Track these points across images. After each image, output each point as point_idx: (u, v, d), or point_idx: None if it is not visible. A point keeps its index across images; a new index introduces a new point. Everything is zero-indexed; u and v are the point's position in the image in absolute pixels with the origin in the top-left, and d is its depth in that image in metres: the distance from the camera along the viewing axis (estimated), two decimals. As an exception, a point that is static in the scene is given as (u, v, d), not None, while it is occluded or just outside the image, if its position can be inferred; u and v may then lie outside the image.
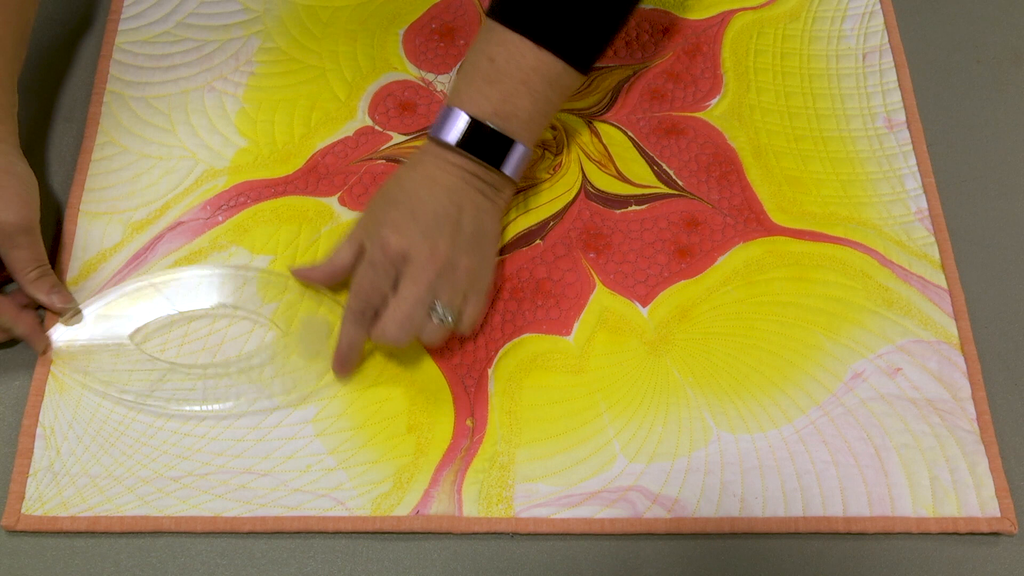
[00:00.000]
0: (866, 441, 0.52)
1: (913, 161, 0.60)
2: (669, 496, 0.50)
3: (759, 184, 0.59)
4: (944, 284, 0.56)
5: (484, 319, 0.55)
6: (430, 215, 0.50)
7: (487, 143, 0.51)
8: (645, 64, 0.64)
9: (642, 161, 0.60)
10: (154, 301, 0.55)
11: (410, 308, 0.49)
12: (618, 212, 0.58)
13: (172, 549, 0.49)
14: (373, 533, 0.49)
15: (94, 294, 0.55)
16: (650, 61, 0.64)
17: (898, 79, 0.63)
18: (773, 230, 0.58)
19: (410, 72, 0.63)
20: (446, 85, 0.63)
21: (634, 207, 0.59)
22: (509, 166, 0.52)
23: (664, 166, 0.60)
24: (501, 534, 0.50)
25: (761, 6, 0.66)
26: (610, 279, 0.56)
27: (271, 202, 0.58)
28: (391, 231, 0.49)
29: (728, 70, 0.64)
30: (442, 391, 0.53)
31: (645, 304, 0.56)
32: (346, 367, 0.52)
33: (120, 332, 0.54)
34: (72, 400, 0.52)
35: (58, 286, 0.54)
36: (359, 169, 0.60)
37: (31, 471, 0.51)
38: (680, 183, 0.59)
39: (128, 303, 0.55)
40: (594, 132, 0.61)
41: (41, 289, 0.53)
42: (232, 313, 0.55)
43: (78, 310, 0.55)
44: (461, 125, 0.51)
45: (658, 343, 0.54)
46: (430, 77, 0.63)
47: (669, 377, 0.53)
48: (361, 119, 0.62)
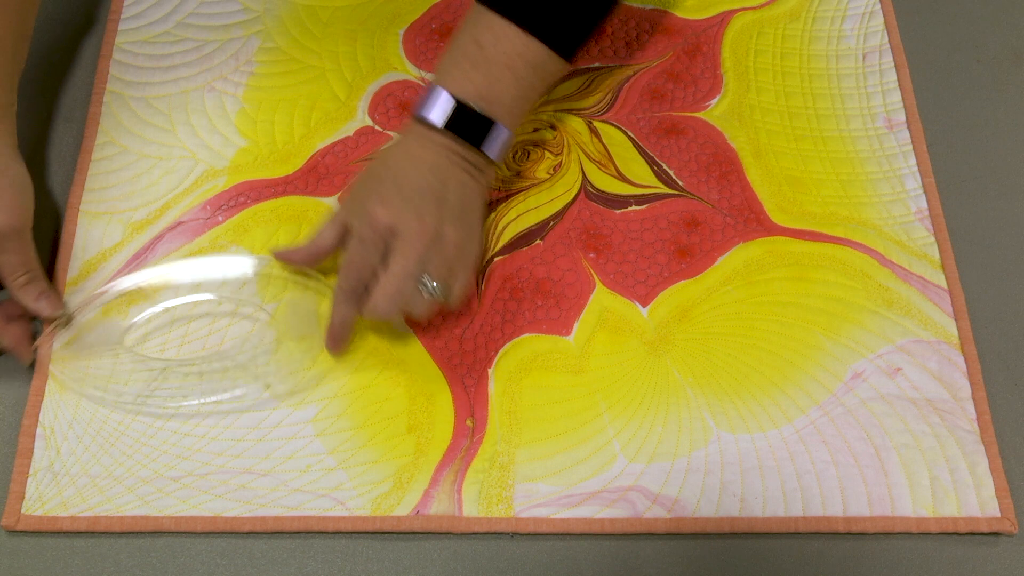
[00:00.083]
0: (866, 441, 0.52)
1: (913, 161, 0.60)
2: (669, 496, 0.50)
3: (759, 184, 0.59)
4: (944, 284, 0.56)
5: (483, 319, 0.55)
6: (415, 189, 0.50)
7: (471, 125, 0.51)
8: (645, 64, 0.64)
9: (642, 161, 0.60)
10: (146, 303, 0.55)
11: (400, 282, 0.49)
12: (618, 212, 0.58)
13: (172, 549, 0.49)
14: (373, 533, 0.49)
15: (87, 298, 0.55)
16: (650, 61, 0.64)
17: (898, 79, 0.63)
18: (773, 230, 0.58)
19: (410, 72, 0.63)
20: (446, 85, 0.63)
21: (634, 207, 0.59)
22: (492, 148, 0.52)
23: (664, 166, 0.60)
24: (501, 534, 0.50)
25: (761, 6, 0.66)
26: (610, 279, 0.56)
27: (271, 202, 0.59)
28: (378, 206, 0.49)
29: (728, 70, 0.64)
30: (442, 391, 0.53)
31: (645, 304, 0.56)
32: (339, 344, 0.53)
33: (114, 336, 0.54)
34: (72, 400, 0.52)
35: (47, 292, 0.53)
36: (359, 169, 0.60)
37: (31, 471, 0.51)
38: (680, 183, 0.59)
39: (121, 305, 0.55)
40: (594, 132, 0.61)
41: (29, 295, 0.53)
42: (232, 311, 0.55)
43: (68, 317, 0.54)
44: (446, 106, 0.51)
45: (658, 343, 0.54)
46: (430, 77, 0.63)
47: (669, 377, 0.53)
48: (361, 119, 0.62)
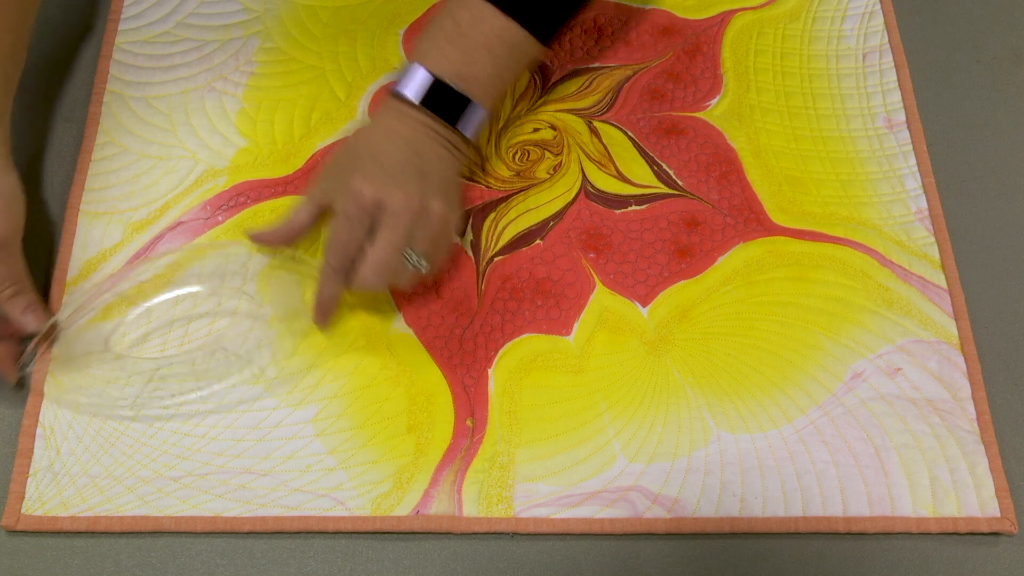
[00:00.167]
0: (866, 441, 0.52)
1: (913, 161, 0.60)
2: (669, 496, 0.50)
3: (759, 184, 0.59)
4: (944, 284, 0.56)
5: (483, 318, 0.55)
6: (396, 163, 0.50)
7: (447, 102, 0.52)
8: (645, 64, 0.64)
9: (642, 161, 0.60)
10: (132, 309, 0.54)
11: (388, 256, 0.50)
12: (618, 212, 0.58)
13: (172, 549, 0.49)
14: (373, 533, 0.49)
15: (76, 307, 0.54)
16: (650, 61, 0.64)
17: (898, 79, 0.63)
18: (773, 230, 0.58)
19: (410, 72, 0.63)
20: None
21: (634, 207, 0.59)
22: (467, 127, 0.53)
23: (664, 166, 0.60)
24: (501, 534, 0.50)
25: (761, 6, 0.66)
26: (610, 279, 0.56)
27: (271, 202, 0.58)
28: (362, 181, 0.49)
29: (728, 70, 0.64)
30: (442, 391, 0.53)
31: (645, 304, 0.56)
32: (327, 319, 0.54)
33: (98, 344, 0.53)
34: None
35: (34, 305, 0.52)
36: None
37: (31, 471, 0.51)
38: (680, 183, 0.59)
39: (107, 314, 0.54)
40: (594, 132, 0.61)
41: (16, 308, 0.52)
42: (217, 301, 0.55)
43: (54, 330, 0.53)
44: (423, 82, 0.51)
45: (658, 343, 0.54)
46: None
47: (669, 377, 0.53)
48: (361, 119, 0.62)
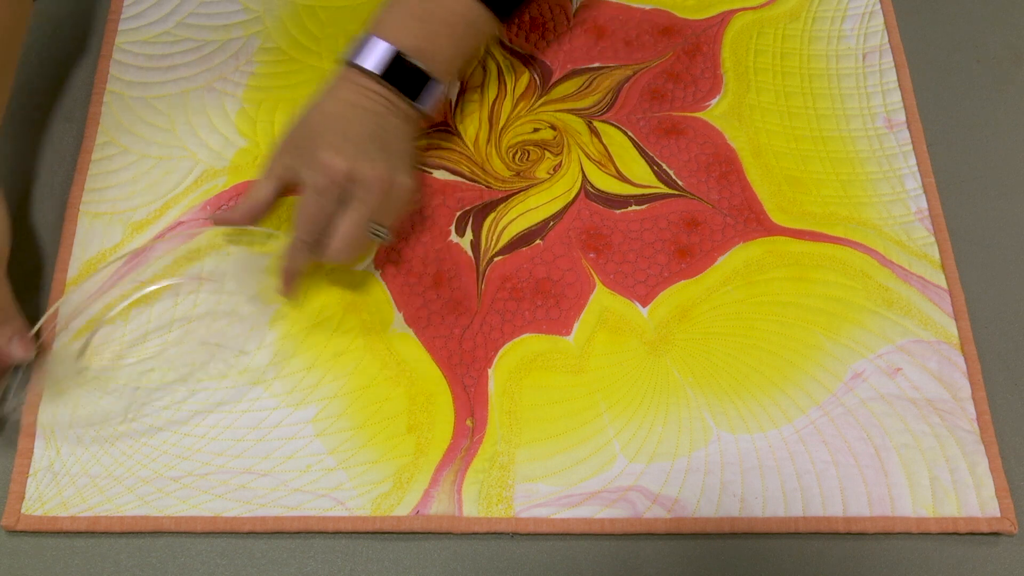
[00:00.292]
0: (866, 441, 0.52)
1: (913, 161, 0.60)
2: (669, 496, 0.50)
3: (759, 184, 0.59)
4: (944, 284, 0.56)
5: (483, 318, 0.55)
6: (362, 137, 0.50)
7: (407, 76, 0.52)
8: (645, 64, 0.64)
9: (642, 161, 0.60)
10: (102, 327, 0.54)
11: (360, 229, 0.50)
12: (618, 212, 0.58)
13: (172, 549, 0.49)
14: (373, 533, 0.50)
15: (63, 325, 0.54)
16: (650, 61, 0.64)
17: (898, 79, 0.63)
18: (773, 230, 0.58)
19: (410, 72, 0.63)
20: (446, 85, 0.63)
21: (634, 207, 0.59)
22: (426, 101, 0.53)
23: (664, 166, 0.60)
24: (501, 534, 0.50)
25: (761, 6, 0.66)
26: (610, 279, 0.56)
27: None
28: (332, 154, 0.49)
29: (728, 70, 0.64)
30: (442, 391, 0.53)
31: (645, 304, 0.56)
32: (294, 290, 0.54)
33: (70, 365, 0.53)
34: (71, 400, 0.52)
35: (20, 333, 0.50)
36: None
37: (31, 471, 0.51)
38: (680, 183, 0.59)
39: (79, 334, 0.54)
40: (594, 132, 0.61)
41: (1, 336, 0.50)
42: (177, 292, 0.55)
43: (42, 361, 0.52)
44: (383, 55, 0.51)
45: (658, 343, 0.54)
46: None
47: (669, 377, 0.53)
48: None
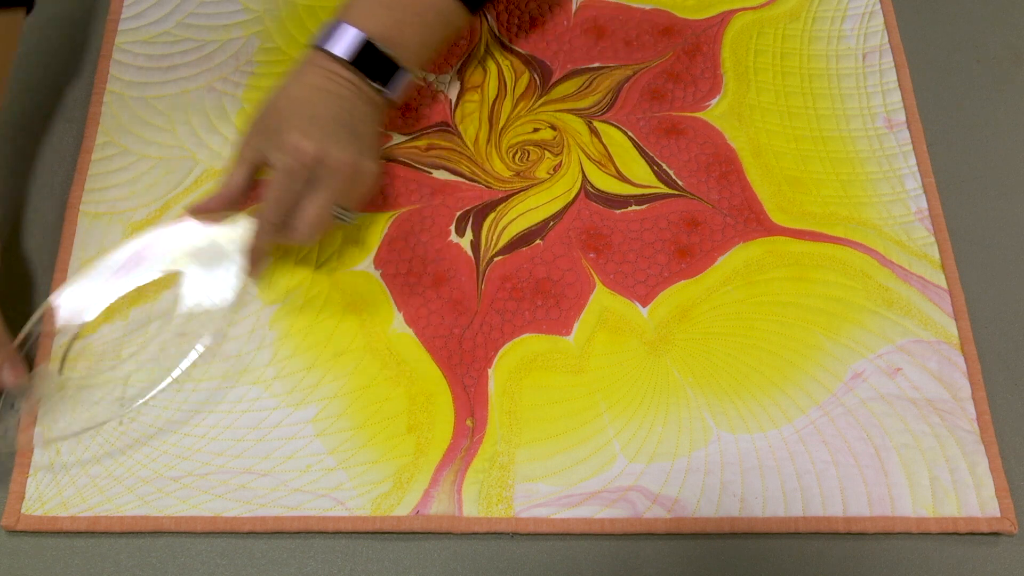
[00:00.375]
0: (866, 441, 0.52)
1: (913, 161, 0.60)
2: (669, 496, 0.50)
3: (759, 184, 0.59)
4: (944, 284, 0.56)
5: (483, 318, 0.55)
6: (330, 121, 0.51)
7: (376, 64, 0.53)
8: (645, 64, 0.64)
9: (642, 161, 0.60)
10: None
11: (326, 212, 0.51)
12: (618, 212, 0.58)
13: (172, 549, 0.49)
14: (373, 533, 0.50)
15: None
16: (650, 61, 0.64)
17: (898, 79, 0.63)
18: (773, 230, 0.58)
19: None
20: (446, 85, 0.63)
21: (634, 207, 0.59)
22: (393, 89, 0.54)
23: (664, 166, 0.60)
24: (501, 534, 0.50)
25: (761, 6, 0.66)
26: (610, 279, 0.56)
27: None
28: (301, 137, 0.49)
29: (728, 70, 0.64)
30: (442, 391, 0.53)
31: (645, 304, 0.56)
32: (260, 269, 0.54)
33: (52, 381, 0.53)
34: (65, 411, 0.52)
35: (13, 359, 0.50)
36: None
37: (31, 471, 0.51)
38: (680, 183, 0.59)
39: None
40: (594, 132, 0.61)
41: None
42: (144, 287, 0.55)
43: (30, 387, 0.51)
44: (353, 41, 0.52)
45: (658, 343, 0.54)
46: (430, 77, 0.63)
47: (669, 377, 0.53)
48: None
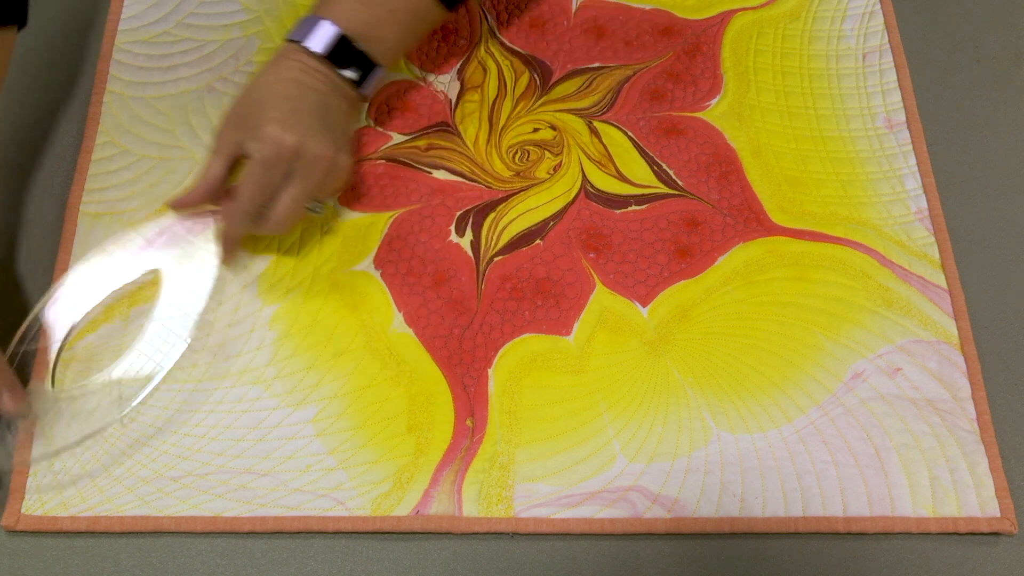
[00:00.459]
0: (866, 441, 0.52)
1: (913, 161, 0.60)
2: (669, 496, 0.50)
3: (759, 184, 0.59)
4: (944, 284, 0.56)
5: (483, 318, 0.55)
6: (309, 114, 0.51)
7: (351, 60, 0.53)
8: (645, 64, 0.64)
9: (642, 161, 0.60)
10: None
11: (300, 204, 0.52)
12: (618, 212, 0.58)
13: (172, 549, 0.49)
14: (373, 533, 0.50)
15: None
16: (650, 61, 0.64)
17: (898, 79, 0.63)
18: (773, 230, 0.58)
19: (410, 72, 0.63)
20: (446, 85, 0.63)
21: (634, 207, 0.59)
22: (367, 86, 0.55)
23: (664, 166, 0.60)
24: (501, 534, 0.50)
25: (761, 6, 0.66)
26: (610, 279, 0.56)
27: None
28: (281, 129, 0.50)
29: (728, 70, 0.64)
30: (442, 391, 0.53)
31: (645, 304, 0.56)
32: (233, 256, 0.55)
33: (44, 396, 0.52)
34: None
35: (12, 387, 0.49)
36: (359, 169, 0.60)
37: (31, 471, 0.51)
38: (680, 183, 0.59)
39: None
40: (594, 132, 0.61)
41: None
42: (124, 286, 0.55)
43: (30, 411, 0.51)
44: (329, 36, 0.52)
45: (658, 343, 0.54)
46: (430, 77, 0.63)
47: (669, 377, 0.53)
48: (361, 119, 0.62)
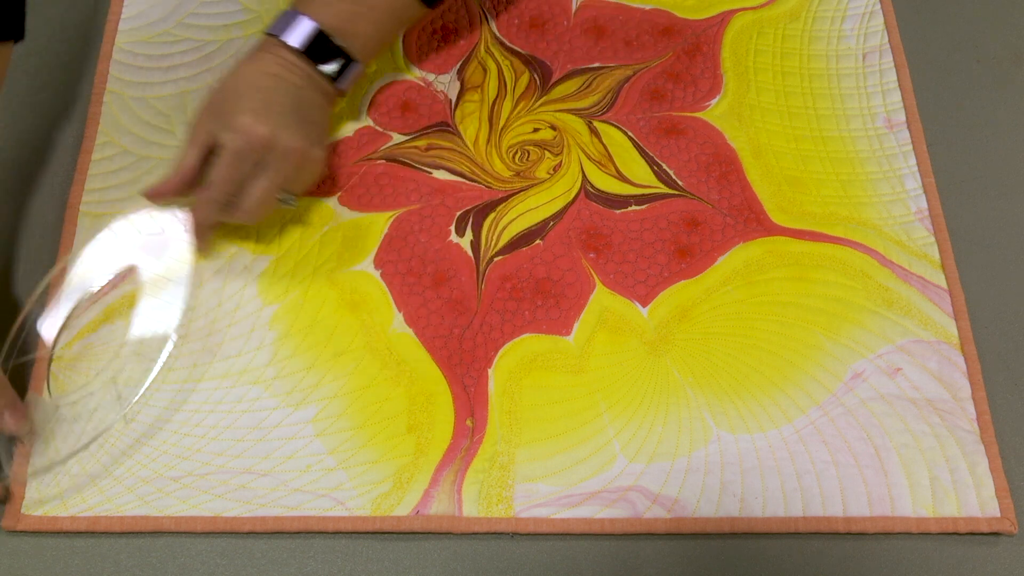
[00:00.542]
0: (866, 441, 0.52)
1: (913, 161, 0.60)
2: (669, 496, 0.50)
3: (759, 184, 0.59)
4: (944, 284, 0.56)
5: (483, 318, 0.55)
6: (284, 107, 0.52)
7: (328, 55, 0.54)
8: (645, 64, 0.64)
9: (642, 161, 0.60)
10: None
11: (270, 194, 0.52)
12: (618, 212, 0.58)
13: (172, 549, 0.49)
14: (373, 533, 0.50)
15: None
16: (650, 61, 0.64)
17: (898, 79, 0.63)
18: (773, 230, 0.58)
19: (410, 72, 0.63)
20: (446, 85, 0.63)
21: (634, 207, 0.59)
22: (343, 81, 0.55)
23: (664, 166, 0.60)
24: (501, 534, 0.50)
25: (761, 6, 0.66)
26: (610, 279, 0.56)
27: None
28: (254, 120, 0.50)
29: (728, 70, 0.64)
30: (442, 391, 0.53)
31: (645, 304, 0.56)
32: (207, 246, 0.56)
33: (45, 406, 0.52)
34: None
35: (13, 405, 0.49)
36: (359, 169, 0.60)
37: (31, 471, 0.51)
38: (680, 183, 0.59)
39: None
40: (594, 132, 0.61)
41: None
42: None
43: (31, 428, 0.51)
44: (306, 31, 0.53)
45: (658, 343, 0.54)
46: (430, 77, 0.63)
47: (669, 377, 0.53)
48: (361, 119, 0.62)
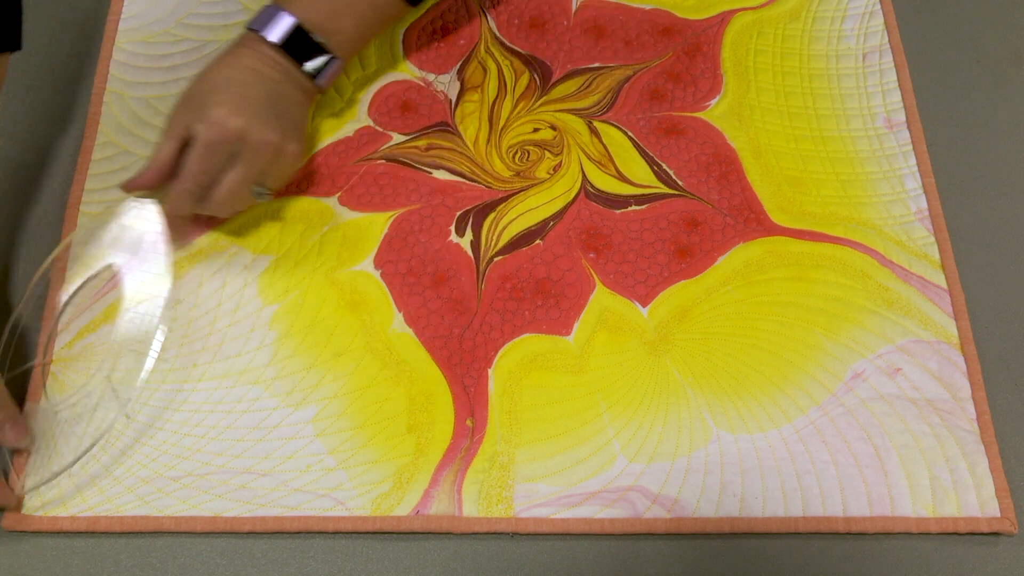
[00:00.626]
0: (866, 441, 0.52)
1: (913, 161, 0.60)
2: (669, 496, 0.50)
3: (759, 184, 0.59)
4: (944, 284, 0.56)
5: (483, 318, 0.55)
6: (259, 101, 0.52)
7: (308, 51, 0.54)
8: (645, 64, 0.64)
9: (642, 161, 0.60)
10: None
11: (243, 187, 0.52)
12: (618, 212, 0.58)
13: (172, 549, 0.49)
14: (373, 533, 0.50)
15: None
16: (650, 61, 0.64)
17: (898, 79, 0.63)
18: (773, 230, 0.58)
19: (410, 72, 0.63)
20: (446, 85, 0.63)
21: (634, 207, 0.59)
22: (323, 77, 0.56)
23: (664, 166, 0.60)
24: (501, 534, 0.50)
25: (761, 6, 0.66)
26: (610, 279, 0.56)
27: (271, 203, 0.58)
28: (228, 113, 0.50)
29: (728, 70, 0.64)
30: (442, 391, 0.53)
31: (645, 304, 0.56)
32: (182, 238, 0.55)
33: (46, 411, 0.52)
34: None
35: (14, 419, 0.50)
36: (359, 169, 0.60)
37: (39, 480, 0.51)
38: (680, 183, 0.59)
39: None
40: (594, 132, 0.61)
41: None
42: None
43: (32, 440, 0.51)
44: (286, 27, 0.53)
45: (658, 343, 0.54)
46: (430, 77, 0.63)
47: (669, 377, 0.53)
48: (361, 119, 0.62)
